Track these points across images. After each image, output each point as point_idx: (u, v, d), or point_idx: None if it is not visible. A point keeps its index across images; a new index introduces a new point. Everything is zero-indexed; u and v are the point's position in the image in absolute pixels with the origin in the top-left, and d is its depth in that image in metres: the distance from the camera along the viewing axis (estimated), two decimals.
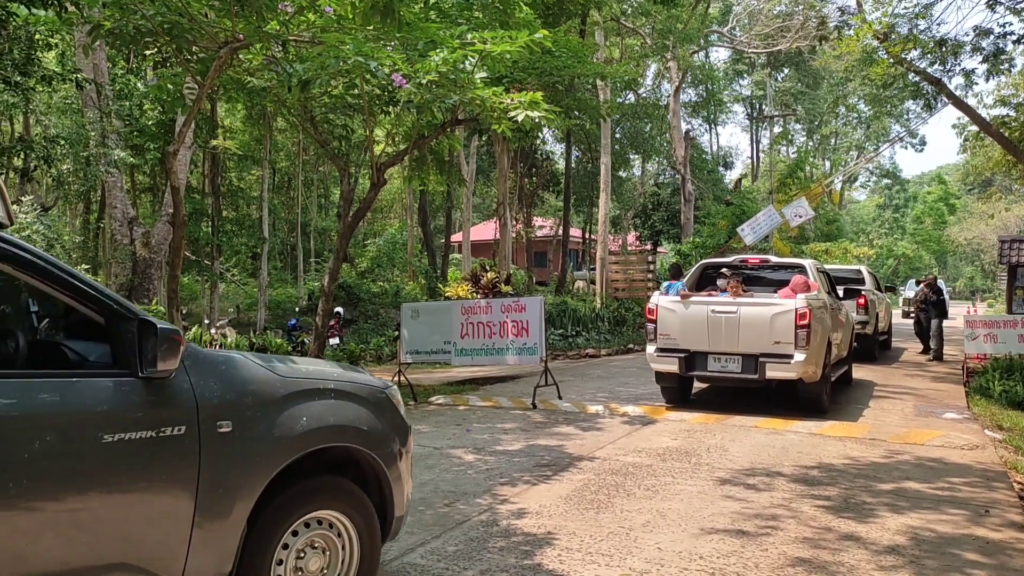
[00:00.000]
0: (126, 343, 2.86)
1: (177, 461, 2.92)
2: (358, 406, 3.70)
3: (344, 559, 3.59)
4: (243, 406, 3.17)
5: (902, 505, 5.82)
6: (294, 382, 3.46)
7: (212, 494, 2.99)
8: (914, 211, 69.46)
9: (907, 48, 17.23)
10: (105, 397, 2.77)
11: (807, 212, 21.52)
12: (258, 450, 3.17)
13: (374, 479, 3.79)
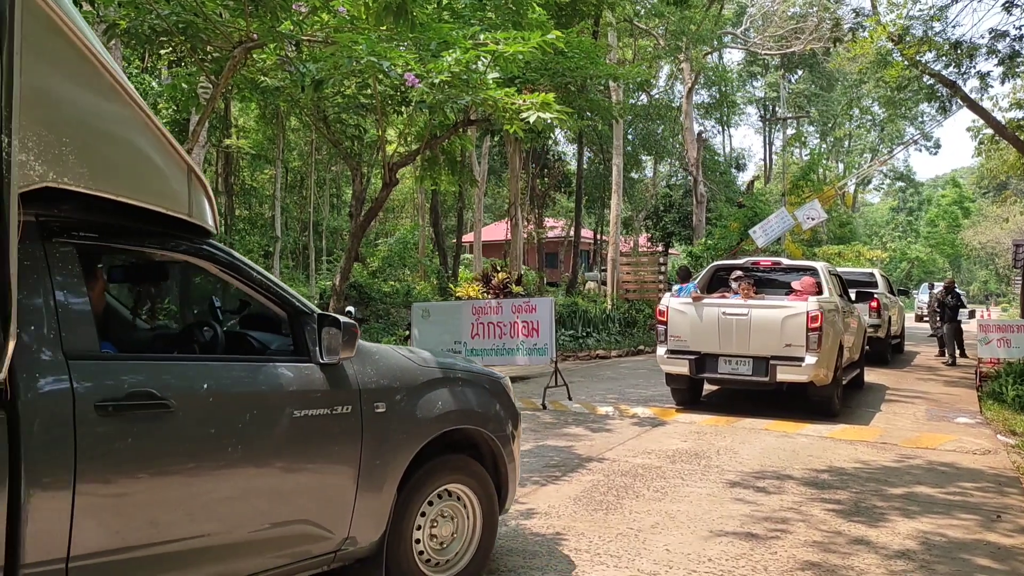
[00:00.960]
0: (307, 334, 3.40)
1: (346, 436, 3.43)
2: (480, 393, 4.21)
3: (469, 527, 4.11)
4: (393, 390, 3.68)
5: (913, 509, 5.80)
6: (430, 370, 3.98)
7: (371, 465, 3.51)
8: (928, 214, 68.98)
9: (922, 50, 17.14)
10: (294, 379, 3.29)
11: (820, 214, 21.43)
12: (406, 429, 3.69)
13: (490, 458, 4.27)
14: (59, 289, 2.69)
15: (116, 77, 2.71)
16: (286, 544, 3.24)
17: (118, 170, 2.76)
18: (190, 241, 3.18)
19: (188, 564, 2.90)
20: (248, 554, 3.11)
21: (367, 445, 3.50)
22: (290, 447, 3.22)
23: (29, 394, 2.51)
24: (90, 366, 2.70)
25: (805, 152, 49.93)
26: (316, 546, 3.35)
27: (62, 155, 2.51)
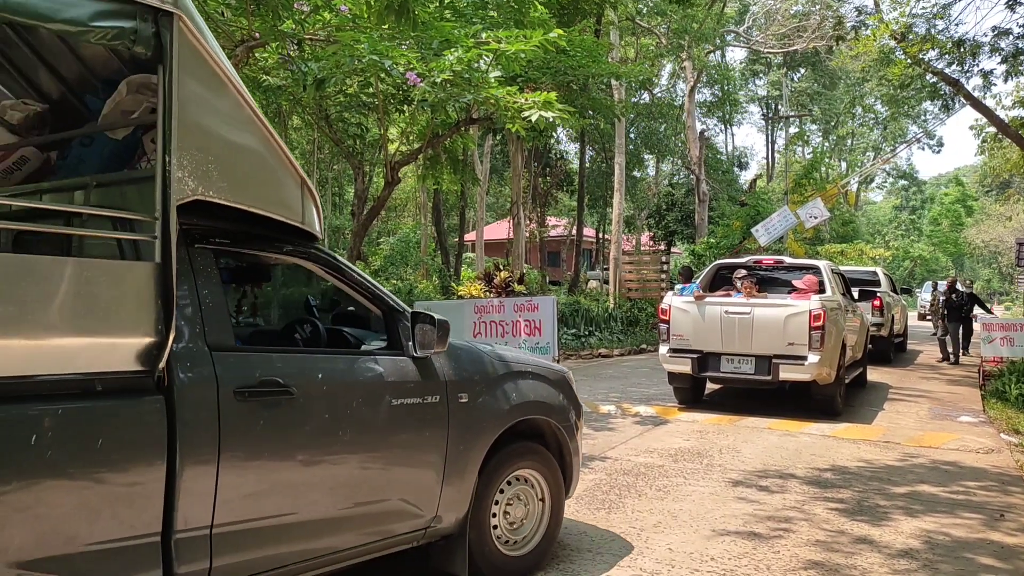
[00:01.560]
0: (400, 330, 3.73)
1: (435, 423, 3.75)
2: (548, 385, 4.50)
3: (538, 510, 4.39)
4: (474, 382, 3.99)
5: (916, 508, 5.79)
6: (505, 364, 4.27)
7: (456, 450, 3.81)
8: (931, 213, 68.92)
9: (925, 48, 17.09)
10: (392, 371, 3.63)
11: (822, 213, 21.40)
12: (486, 417, 4.00)
13: (555, 446, 4.55)
14: (202, 289, 3.01)
15: (249, 102, 3.06)
16: (386, 520, 3.57)
17: (248, 183, 3.08)
18: (301, 245, 3.51)
19: (308, 535, 3.22)
20: (357, 527, 3.44)
21: (452, 432, 3.82)
22: (390, 432, 3.57)
23: (182, 381, 2.82)
24: (229, 357, 3.02)
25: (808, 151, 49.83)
26: (410, 523, 3.67)
27: (208, 172, 2.83)
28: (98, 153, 3.62)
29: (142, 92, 3.45)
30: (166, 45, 2.61)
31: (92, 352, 2.56)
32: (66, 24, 2.43)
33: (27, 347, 2.41)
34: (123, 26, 2.52)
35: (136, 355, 2.65)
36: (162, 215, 2.65)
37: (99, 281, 2.54)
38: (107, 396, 2.63)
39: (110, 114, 3.52)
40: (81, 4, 2.42)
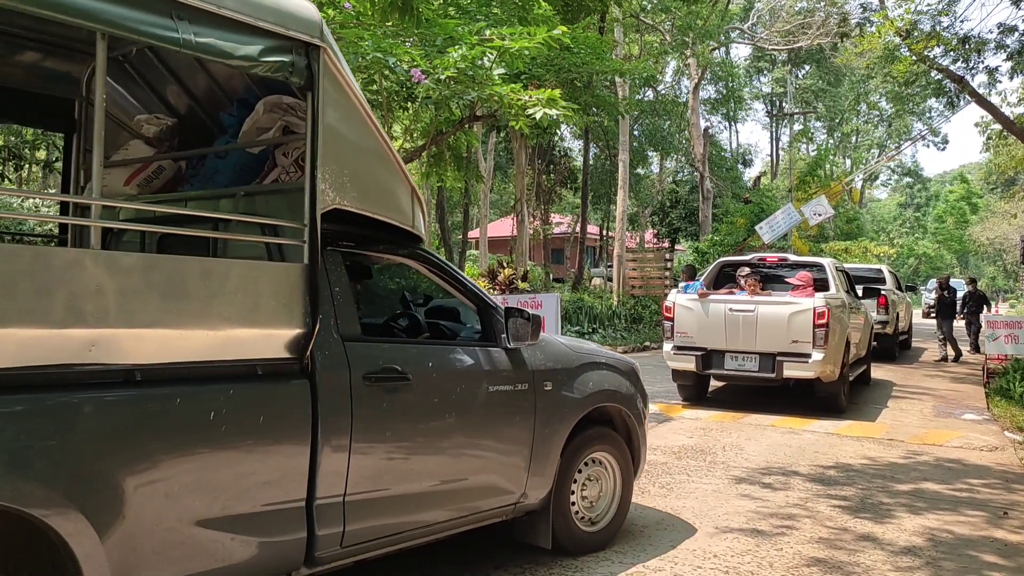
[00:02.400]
0: (494, 324, 4.09)
1: (524, 408, 4.11)
2: (620, 375, 4.84)
3: (610, 490, 4.76)
4: (557, 372, 4.34)
5: (920, 506, 5.78)
6: (581, 356, 4.64)
7: (542, 433, 4.17)
8: (936, 210, 68.68)
9: (930, 45, 17.05)
10: (488, 360, 4.01)
11: (826, 210, 21.36)
12: (567, 404, 4.35)
13: (624, 431, 4.89)
14: (334, 286, 3.36)
15: (373, 121, 3.44)
16: (485, 495, 3.95)
17: (373, 193, 3.48)
18: (410, 247, 3.91)
19: (423, 505, 3.62)
20: (461, 500, 3.84)
21: (539, 417, 4.17)
22: (487, 416, 3.96)
23: (322, 367, 3.19)
24: (357, 346, 3.40)
25: (812, 148, 49.72)
26: (503, 498, 4.04)
27: (343, 184, 3.22)
28: (232, 165, 4.02)
29: (275, 111, 3.86)
30: (315, 74, 3.03)
31: (255, 341, 2.95)
32: (241, 60, 2.85)
33: (208, 336, 2.80)
34: (284, 60, 2.95)
35: (288, 344, 3.04)
36: (310, 222, 3.05)
37: (261, 280, 2.95)
38: (266, 379, 3.02)
39: (249, 131, 3.92)
40: (253, 43, 2.85)
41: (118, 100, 4.39)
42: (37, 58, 4.02)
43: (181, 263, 2.82)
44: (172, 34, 2.59)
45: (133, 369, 2.65)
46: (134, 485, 2.57)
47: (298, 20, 2.98)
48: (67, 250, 2.79)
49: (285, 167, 3.85)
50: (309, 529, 3.11)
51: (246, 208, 3.56)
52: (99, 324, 2.50)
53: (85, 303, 2.46)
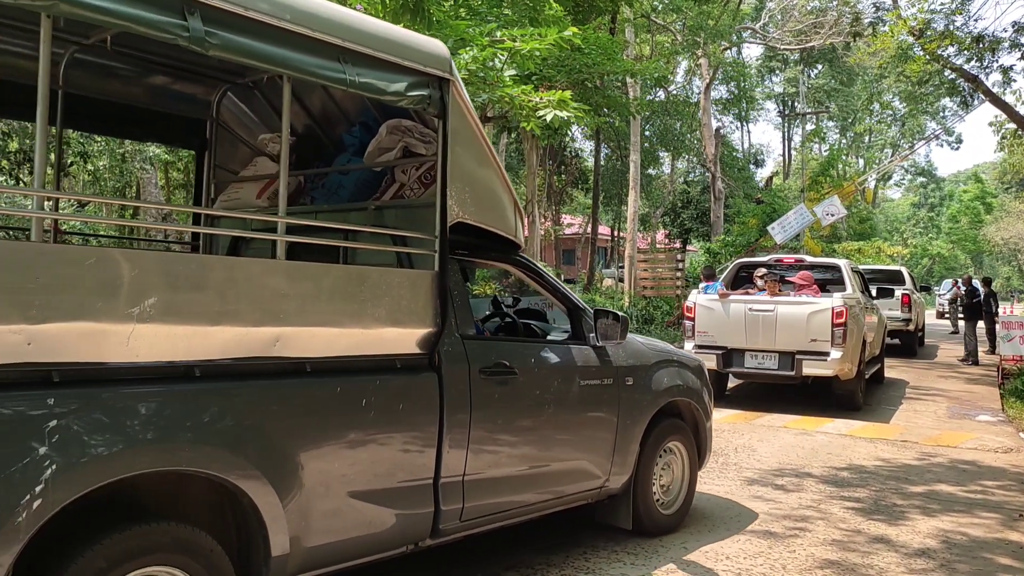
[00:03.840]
0: (583, 324, 4.46)
1: (609, 401, 4.49)
2: (689, 371, 5.22)
3: (681, 477, 5.16)
4: (637, 368, 4.71)
5: (934, 508, 5.75)
6: (657, 353, 5.01)
7: (624, 424, 4.55)
8: (950, 210, 68.20)
9: (943, 44, 16.94)
10: (580, 357, 4.38)
11: (839, 211, 21.24)
12: (646, 398, 4.73)
13: (692, 423, 5.26)
14: (454, 290, 3.67)
15: (488, 143, 3.89)
16: (576, 478, 4.34)
17: (487, 207, 3.90)
18: (511, 254, 4.32)
19: (525, 486, 4.03)
20: (557, 482, 4.23)
21: (622, 409, 4.55)
22: (579, 407, 4.33)
23: (447, 362, 3.58)
24: (473, 344, 3.79)
25: (824, 148, 49.50)
26: (591, 482, 4.43)
27: (465, 200, 3.64)
28: (354, 180, 4.49)
29: (395, 133, 4.28)
30: (446, 104, 3.47)
31: (396, 338, 3.38)
32: (392, 95, 3.30)
33: (362, 334, 3.24)
34: (424, 93, 3.40)
35: (421, 341, 3.47)
36: (440, 234, 3.49)
37: (403, 286, 3.39)
38: (403, 372, 3.43)
39: (372, 151, 4.36)
40: (401, 80, 3.30)
41: (245, 121, 4.89)
42: (175, 83, 4.51)
43: (345, 271, 3.38)
44: (341, 75, 3.06)
45: (305, 361, 3.07)
46: (305, 460, 2.99)
47: (434, 58, 3.44)
48: (263, 260, 3.17)
49: (407, 183, 4.29)
50: (436, 504, 3.53)
51: (375, 220, 4.05)
52: (283, 323, 2.95)
53: (274, 305, 2.92)
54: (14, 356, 2.32)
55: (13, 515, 2.24)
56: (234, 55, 2.73)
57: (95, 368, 2.52)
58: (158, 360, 2.66)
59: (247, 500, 2.83)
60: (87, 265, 2.48)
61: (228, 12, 2.66)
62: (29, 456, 2.29)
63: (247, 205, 4.63)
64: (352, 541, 3.23)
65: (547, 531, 4.87)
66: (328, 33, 3.00)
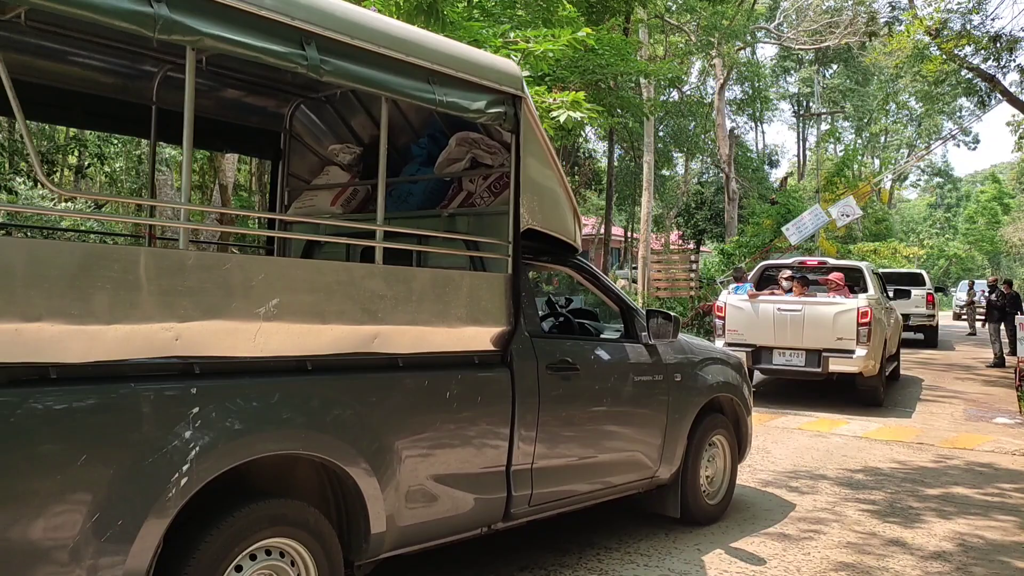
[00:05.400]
0: (636, 323, 4.75)
1: (660, 396, 4.76)
2: (730, 368, 5.52)
3: (723, 469, 5.47)
4: (684, 365, 4.99)
5: (950, 510, 5.71)
6: (702, 351, 5.33)
7: (673, 418, 4.83)
8: (967, 211, 67.55)
9: (960, 44, 16.82)
10: (634, 354, 4.68)
11: (855, 211, 21.10)
12: (692, 393, 5.02)
13: (733, 418, 5.54)
14: (522, 291, 3.89)
15: (552, 154, 4.14)
16: (630, 469, 4.61)
17: (551, 215, 4.16)
18: (569, 257, 4.60)
19: (585, 475, 4.29)
20: (613, 472, 4.50)
21: (671, 404, 4.82)
22: (633, 402, 4.59)
23: (518, 358, 3.85)
24: (540, 342, 4.06)
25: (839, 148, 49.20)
26: (643, 472, 4.70)
27: (534, 208, 3.94)
28: (423, 188, 4.73)
29: (464, 145, 4.57)
30: (519, 120, 3.76)
31: (475, 336, 3.66)
32: (474, 112, 3.59)
33: (446, 332, 3.51)
34: (500, 110, 3.70)
35: (495, 339, 3.75)
36: (513, 240, 3.78)
37: (481, 288, 3.68)
38: (481, 367, 3.72)
39: (442, 161, 4.64)
40: (481, 98, 3.60)
41: (315, 132, 5.21)
42: (253, 99, 4.89)
43: (433, 274, 3.58)
44: (431, 95, 3.37)
45: (398, 357, 3.37)
46: (398, 446, 3.28)
47: (509, 77, 3.73)
48: (365, 265, 3.42)
49: (474, 192, 4.56)
50: (508, 490, 3.80)
51: (448, 227, 4.31)
52: (380, 322, 3.23)
53: (372, 305, 3.20)
54: (165, 350, 2.63)
55: (166, 489, 2.55)
56: (343, 79, 3.09)
57: (228, 361, 2.83)
58: (278, 354, 2.96)
59: (351, 482, 3.12)
60: (223, 270, 2.78)
61: (338, 42, 3.00)
62: (178, 439, 2.60)
63: (321, 212, 4.98)
64: (437, 522, 3.52)
65: (560, 531, 4.87)
66: (419, 57, 3.31)
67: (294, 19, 2.85)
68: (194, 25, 2.58)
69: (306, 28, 2.89)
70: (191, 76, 2.68)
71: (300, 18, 2.87)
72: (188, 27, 2.56)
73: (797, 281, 10.49)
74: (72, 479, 2.39)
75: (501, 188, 4.38)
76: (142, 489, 2.51)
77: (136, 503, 2.50)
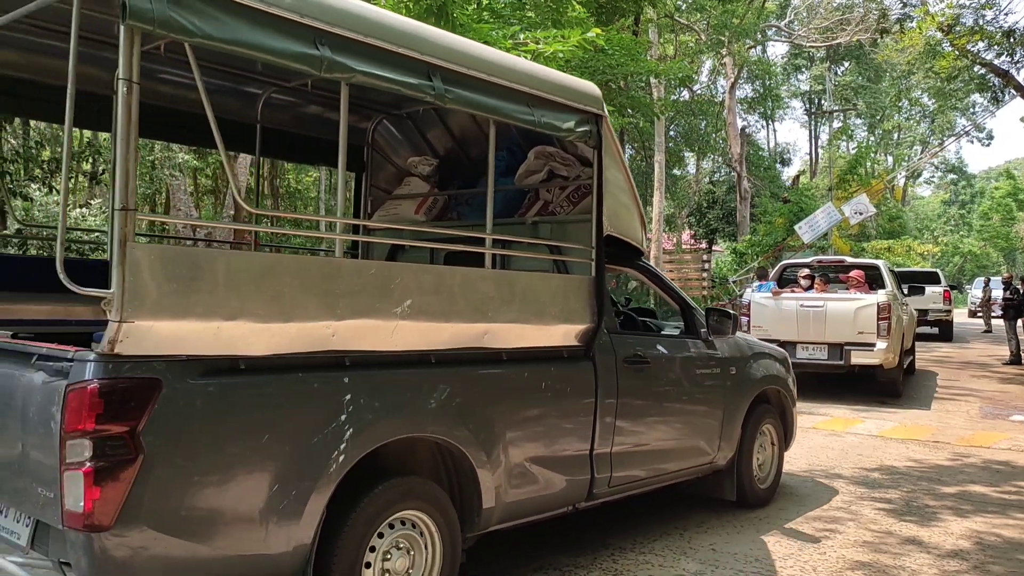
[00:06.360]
0: (695, 321, 5.15)
1: (717, 388, 5.16)
2: (777, 362, 5.90)
3: (772, 456, 5.86)
4: (738, 359, 5.38)
5: (966, 509, 5.68)
6: (753, 347, 5.68)
7: (729, 409, 5.22)
8: (981, 207, 66.99)
9: (973, 40, 16.73)
10: (695, 349, 5.09)
11: (868, 209, 21.04)
12: (746, 386, 5.41)
13: (779, 408, 5.92)
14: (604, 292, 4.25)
15: (625, 165, 4.52)
16: (692, 455, 5.01)
17: (624, 221, 4.52)
18: (636, 260, 4.91)
19: (655, 460, 4.70)
20: (677, 458, 4.89)
21: (727, 395, 5.22)
22: (694, 393, 5.00)
23: (599, 353, 4.24)
24: (617, 337, 4.45)
25: (852, 145, 48.93)
26: (703, 458, 5.09)
27: (612, 216, 4.31)
28: (501, 198, 4.95)
29: (541, 158, 4.95)
30: (601, 137, 4.18)
31: (564, 333, 4.05)
32: (565, 131, 4.01)
33: (541, 330, 3.91)
34: (586, 129, 4.11)
35: (580, 335, 4.13)
36: (596, 245, 4.18)
37: (570, 289, 4.09)
38: (568, 361, 4.12)
39: (523, 173, 5.00)
40: (571, 119, 4.02)
41: (395, 146, 5.66)
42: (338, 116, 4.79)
43: (531, 277, 4.00)
44: (531, 117, 3.79)
45: (502, 351, 3.78)
46: (503, 430, 3.69)
47: (593, 99, 4.15)
48: (477, 269, 3.76)
49: (551, 201, 4.95)
50: (591, 472, 4.18)
51: (531, 233, 4.72)
52: (489, 320, 3.63)
53: (483, 305, 3.60)
54: (323, 345, 3.04)
55: (328, 465, 2.98)
56: (462, 105, 3.51)
57: (371, 355, 3.24)
58: (409, 349, 3.37)
59: (467, 462, 3.53)
60: (369, 275, 3.21)
61: (458, 72, 3.43)
62: (336, 422, 3.03)
63: (405, 220, 5.42)
64: (535, 499, 3.91)
65: (574, 532, 4.87)
66: (521, 83, 3.74)
67: (423, 54, 3.30)
68: (349, 63, 3.04)
69: (433, 62, 3.34)
70: (345, 106, 3.16)
71: (428, 53, 3.32)
72: (345, 65, 3.02)
73: (819, 278, 11.03)
74: (258, 455, 2.83)
75: (580, 198, 4.80)
76: (311, 464, 2.94)
77: (307, 476, 2.93)
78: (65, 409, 2.53)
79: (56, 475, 2.55)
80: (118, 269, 2.48)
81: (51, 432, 2.58)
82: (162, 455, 2.60)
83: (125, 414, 2.54)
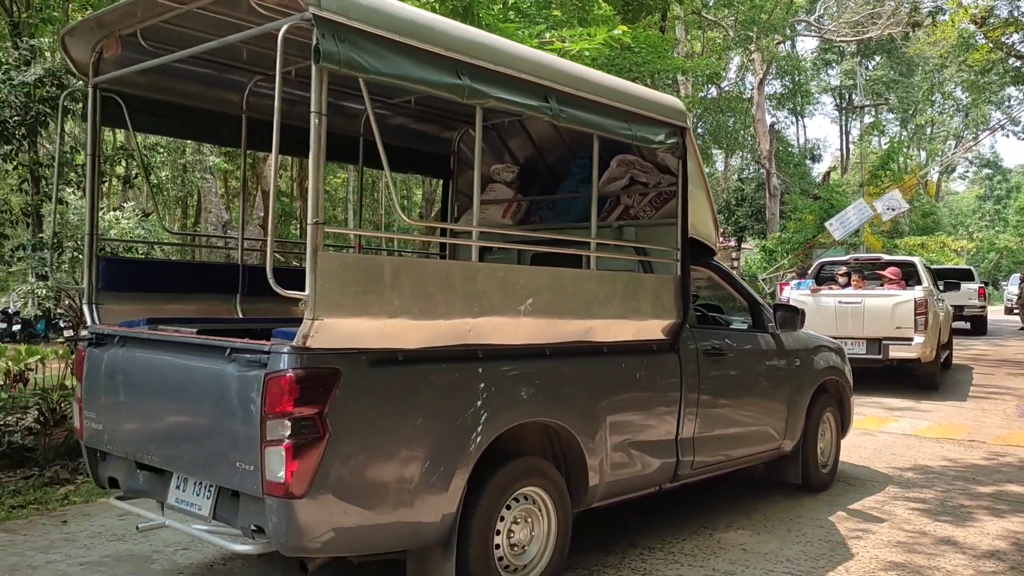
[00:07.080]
0: (763, 316, 5.52)
1: (783, 378, 5.53)
2: (836, 355, 6.23)
3: (831, 442, 6.16)
4: (801, 351, 5.74)
5: (1002, 508, 5.58)
6: (814, 340, 6.05)
7: (794, 397, 5.57)
8: (1017, 202, 65.76)
9: (1007, 32, 16.44)
10: (764, 342, 5.48)
11: (900, 205, 20.75)
12: (809, 376, 5.77)
13: (837, 398, 6.22)
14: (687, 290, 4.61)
15: (703, 170, 4.85)
16: (763, 440, 5.38)
17: (702, 223, 4.86)
18: (708, 259, 5.25)
19: (730, 445, 5.07)
20: (751, 442, 5.28)
21: (792, 384, 5.57)
22: (763, 383, 5.39)
23: (683, 345, 4.62)
24: (697, 331, 4.85)
25: (884, 141, 48.25)
26: (771, 443, 5.45)
27: (693, 220, 4.64)
28: (581, 204, 5.24)
29: (623, 165, 5.34)
30: (686, 148, 4.54)
31: (655, 327, 4.45)
32: (656, 143, 4.39)
33: (636, 324, 4.32)
34: (674, 140, 4.47)
35: (668, 329, 4.52)
36: (682, 247, 4.55)
37: (660, 287, 4.47)
38: (657, 353, 4.52)
39: (606, 180, 5.35)
40: (661, 132, 4.39)
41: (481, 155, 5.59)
42: (428, 128, 5.89)
43: (628, 277, 4.40)
44: (628, 132, 4.17)
45: (603, 344, 4.19)
46: (605, 416, 4.09)
47: (679, 113, 4.52)
48: (585, 271, 4.17)
49: (631, 205, 5.29)
50: (676, 455, 4.56)
51: (616, 236, 5.07)
52: (593, 317, 4.03)
53: (589, 303, 4.00)
54: (462, 339, 3.45)
55: (468, 445, 3.39)
56: (573, 124, 3.91)
57: (499, 348, 3.64)
58: (528, 343, 3.78)
59: (576, 444, 3.93)
60: (499, 277, 3.60)
61: (569, 94, 3.84)
62: (472, 407, 3.45)
63: (492, 224, 5.73)
64: (630, 479, 4.30)
65: (602, 532, 4.86)
66: (620, 101, 4.13)
67: (542, 79, 3.71)
68: (486, 90, 3.44)
69: (549, 85, 3.74)
70: (479, 129, 3.63)
71: (546, 78, 3.74)
72: (483, 92, 3.43)
73: (857, 275, 11.29)
74: (415, 435, 3.26)
75: (661, 203, 5.13)
76: (456, 444, 3.36)
77: (452, 454, 3.34)
78: (266, 394, 2.96)
79: (256, 450, 2.98)
80: (311, 275, 2.85)
81: (251, 414, 3.01)
82: (341, 434, 3.01)
83: (315, 399, 2.96)
